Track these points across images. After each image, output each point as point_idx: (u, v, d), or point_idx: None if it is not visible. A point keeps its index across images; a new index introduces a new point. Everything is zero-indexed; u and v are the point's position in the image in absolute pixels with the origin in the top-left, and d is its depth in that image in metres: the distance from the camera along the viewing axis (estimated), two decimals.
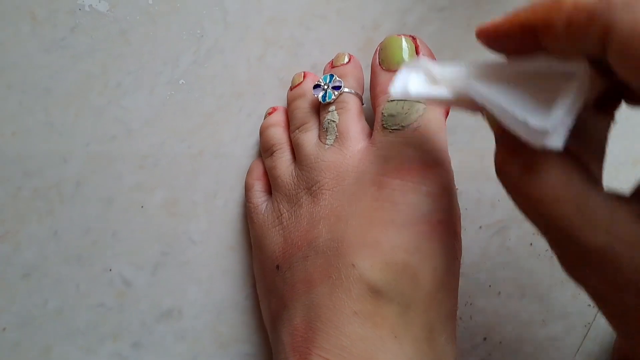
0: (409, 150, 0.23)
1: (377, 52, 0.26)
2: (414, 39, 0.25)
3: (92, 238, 0.29)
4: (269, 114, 0.29)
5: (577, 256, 0.16)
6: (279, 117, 0.28)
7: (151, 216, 0.29)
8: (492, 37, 0.18)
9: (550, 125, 0.15)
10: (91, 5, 0.30)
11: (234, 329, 0.29)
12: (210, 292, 0.29)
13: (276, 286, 0.25)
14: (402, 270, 0.21)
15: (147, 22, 0.30)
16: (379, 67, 0.25)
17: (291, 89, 0.28)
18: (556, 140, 0.15)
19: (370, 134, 0.25)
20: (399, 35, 0.25)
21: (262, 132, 0.28)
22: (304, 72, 0.28)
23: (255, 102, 0.30)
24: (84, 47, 0.30)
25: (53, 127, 0.30)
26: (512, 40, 0.17)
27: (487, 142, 0.28)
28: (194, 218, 0.29)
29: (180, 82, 0.30)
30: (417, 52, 0.25)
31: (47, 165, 0.30)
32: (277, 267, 0.25)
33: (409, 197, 0.22)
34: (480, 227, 0.28)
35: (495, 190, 0.28)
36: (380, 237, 0.22)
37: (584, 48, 0.15)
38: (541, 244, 0.28)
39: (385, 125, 0.24)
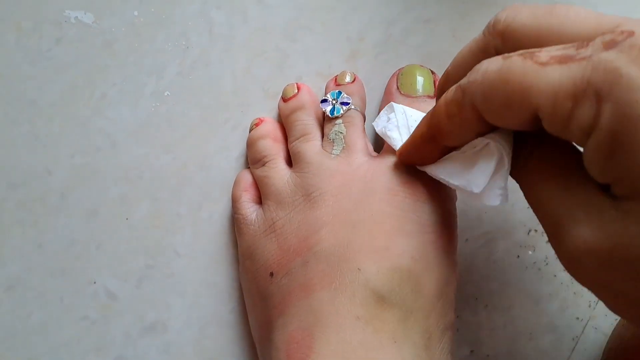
0: None
1: (397, 77, 0.27)
2: (433, 72, 0.27)
3: (76, 250, 0.29)
4: (256, 125, 0.29)
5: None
6: (268, 129, 0.28)
7: (136, 228, 0.29)
8: (410, 158, 0.23)
9: (478, 190, 0.20)
10: (77, 17, 0.30)
11: (218, 343, 0.28)
12: (195, 305, 0.29)
13: (270, 294, 0.24)
14: (406, 277, 0.22)
15: (132, 33, 0.30)
16: (398, 91, 0.27)
17: (284, 100, 0.28)
18: (492, 200, 0.20)
19: (371, 151, 0.26)
20: (421, 65, 0.27)
21: (252, 143, 0.28)
22: (297, 84, 0.28)
23: (241, 114, 0.29)
24: (69, 58, 0.30)
25: (38, 139, 0.30)
26: (423, 152, 0.22)
27: None
28: (178, 230, 0.29)
29: (166, 94, 0.30)
30: (434, 85, 0.27)
31: (31, 176, 0.30)
32: (271, 274, 0.24)
33: (419, 206, 0.23)
34: (467, 239, 0.28)
35: None
36: (388, 243, 0.22)
37: (471, 125, 0.19)
38: (529, 255, 0.28)
39: None
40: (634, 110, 0.14)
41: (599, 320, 0.28)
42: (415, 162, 0.23)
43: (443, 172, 0.21)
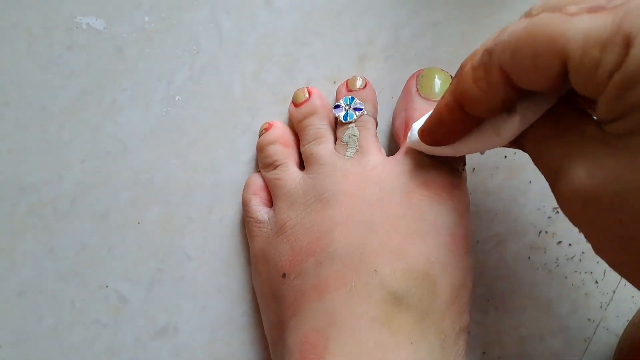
0: (436, 167, 0.24)
1: (417, 78, 0.27)
2: (452, 77, 0.27)
3: (87, 254, 0.29)
4: (265, 129, 0.29)
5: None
6: (277, 133, 0.28)
7: (146, 232, 0.29)
8: (434, 134, 0.22)
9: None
10: (88, 23, 0.30)
11: (230, 346, 0.28)
12: (206, 308, 0.29)
13: (282, 295, 0.24)
14: (422, 278, 0.22)
15: (143, 39, 0.30)
16: (417, 93, 0.26)
17: (296, 105, 0.28)
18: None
19: (384, 155, 0.26)
20: (441, 69, 0.27)
21: (262, 148, 0.28)
22: (307, 88, 0.28)
23: (250, 118, 0.30)
24: (80, 64, 0.30)
25: (49, 144, 0.30)
26: (450, 127, 0.21)
27: (483, 157, 0.28)
28: (189, 234, 0.29)
29: (176, 99, 0.30)
30: None
31: (42, 181, 0.30)
32: (284, 275, 0.24)
33: (436, 209, 0.23)
34: (478, 241, 0.28)
35: (493, 203, 0.28)
36: (405, 244, 0.22)
37: (498, 89, 0.18)
38: (539, 257, 0.28)
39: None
40: None
41: (611, 321, 0.28)
42: (439, 139, 0.22)
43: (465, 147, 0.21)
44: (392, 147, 0.29)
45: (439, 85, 0.26)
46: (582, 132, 0.17)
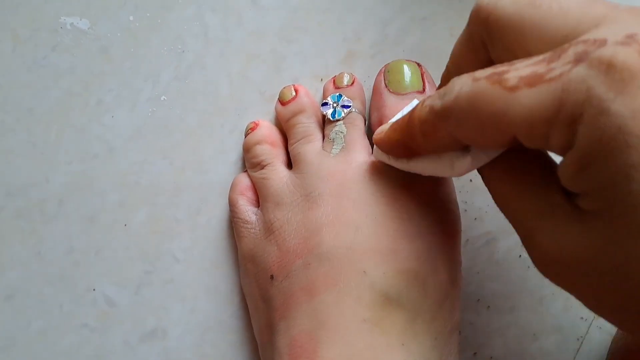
0: None
1: (383, 74, 0.26)
2: (419, 65, 0.26)
3: (75, 257, 0.29)
4: (251, 129, 0.28)
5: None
6: (264, 133, 0.28)
7: (134, 234, 0.29)
8: (385, 150, 0.22)
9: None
10: (72, 23, 0.30)
11: (219, 349, 0.28)
12: (195, 311, 0.28)
13: (271, 297, 0.24)
14: (413, 278, 0.22)
15: (128, 38, 0.30)
16: (386, 89, 0.26)
17: (283, 103, 0.28)
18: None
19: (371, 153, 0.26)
20: (406, 60, 0.26)
21: (248, 148, 0.28)
22: (294, 86, 0.28)
23: (238, 117, 0.29)
24: (66, 65, 0.30)
25: (35, 147, 0.30)
26: (396, 151, 0.22)
27: None
28: (177, 236, 0.29)
29: (162, 99, 0.29)
30: (422, 79, 0.26)
31: (29, 184, 0.29)
32: (272, 277, 0.24)
33: (422, 208, 0.23)
34: (468, 239, 0.28)
35: (482, 202, 0.28)
36: (394, 245, 0.22)
37: (446, 144, 0.18)
38: None
39: None
40: (605, 133, 0.14)
41: (604, 320, 0.27)
42: (392, 153, 0.23)
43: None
44: None
45: (407, 77, 0.26)
46: (551, 197, 0.17)
